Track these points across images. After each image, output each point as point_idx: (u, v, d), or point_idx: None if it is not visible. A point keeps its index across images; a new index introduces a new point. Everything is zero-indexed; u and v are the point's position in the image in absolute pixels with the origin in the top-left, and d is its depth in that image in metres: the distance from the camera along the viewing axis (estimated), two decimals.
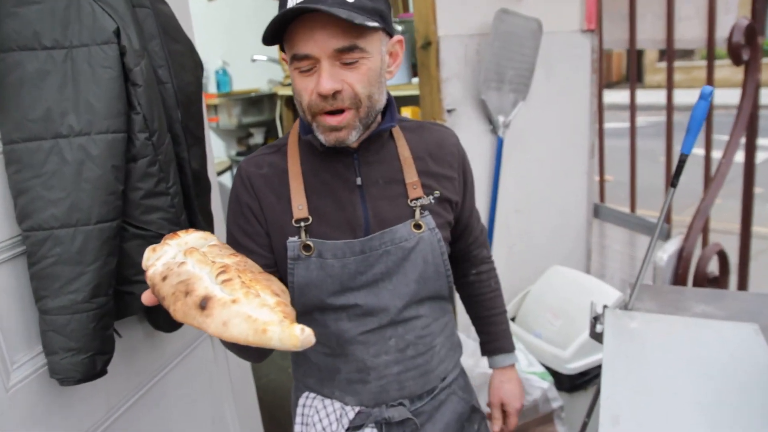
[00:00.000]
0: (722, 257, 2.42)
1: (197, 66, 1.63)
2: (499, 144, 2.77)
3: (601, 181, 3.47)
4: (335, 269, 1.24)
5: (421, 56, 2.61)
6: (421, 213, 1.29)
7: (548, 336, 2.70)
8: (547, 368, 2.60)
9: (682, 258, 2.26)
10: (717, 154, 2.78)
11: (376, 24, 1.09)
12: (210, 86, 4.59)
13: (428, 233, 1.29)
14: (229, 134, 4.84)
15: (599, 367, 1.67)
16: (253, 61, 4.28)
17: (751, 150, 2.75)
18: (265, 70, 4.65)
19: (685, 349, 1.37)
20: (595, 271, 3.37)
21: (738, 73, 2.74)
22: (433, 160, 1.34)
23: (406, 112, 2.94)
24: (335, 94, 1.11)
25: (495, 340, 1.55)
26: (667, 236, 2.79)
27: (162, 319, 1.57)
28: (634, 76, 3.30)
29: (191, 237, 0.94)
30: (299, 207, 1.25)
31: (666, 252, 2.21)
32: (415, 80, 2.92)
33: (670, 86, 3.11)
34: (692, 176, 4.00)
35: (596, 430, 1.13)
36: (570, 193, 3.22)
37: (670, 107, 3.11)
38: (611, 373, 1.28)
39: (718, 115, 3.52)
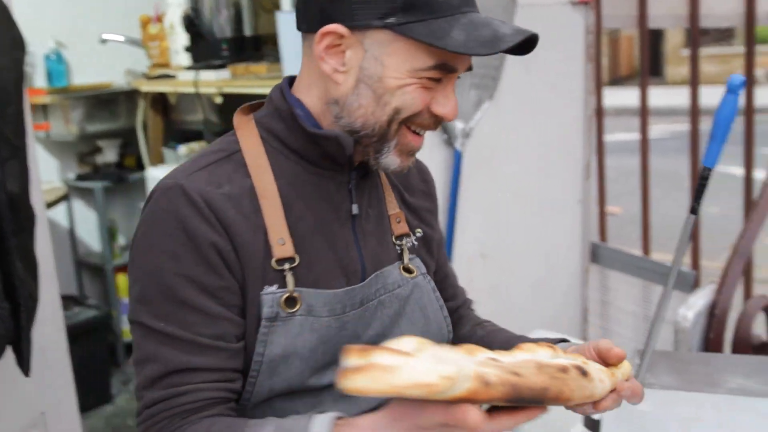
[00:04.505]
0: None
1: (17, 44, 1.62)
2: (457, 161, 2.82)
3: (602, 214, 3.58)
4: (331, 332, 1.27)
5: None
6: (408, 255, 1.39)
7: (531, 429, 2.72)
8: None
9: (714, 316, 2.34)
10: (763, 175, 2.90)
11: None
12: (37, 78, 4.52)
13: (422, 278, 1.39)
14: (67, 148, 4.76)
15: None
16: (103, 42, 4.25)
17: None
18: (121, 57, 4.62)
19: None
20: (594, 337, 3.43)
21: None
22: (405, 186, 1.45)
23: None
24: None
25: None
26: (693, 287, 2.89)
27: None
28: (645, 66, 3.45)
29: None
30: (280, 241, 1.23)
31: (692, 308, 2.29)
32: None
33: (694, 81, 3.27)
34: (732, 206, 4.16)
35: None
36: (558, 231, 3.30)
37: (695, 110, 3.26)
38: None
39: (763, 122, 3.70)
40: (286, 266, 1.23)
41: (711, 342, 2.36)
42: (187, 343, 1.18)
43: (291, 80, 1.33)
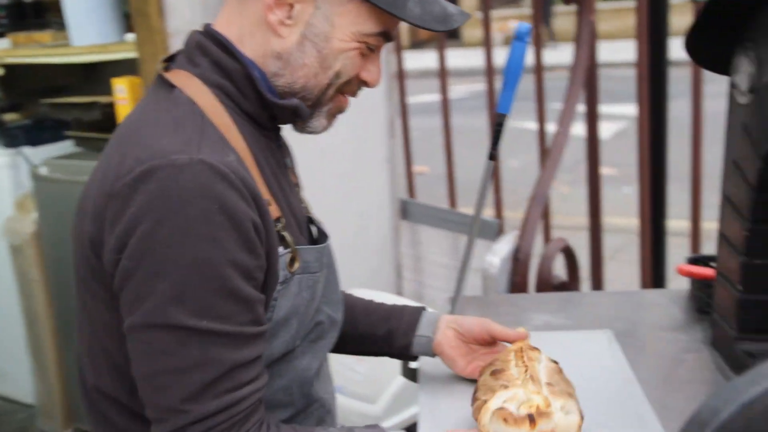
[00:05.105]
0: (569, 256, 2.67)
1: None
2: None
3: (409, 172, 3.67)
4: (317, 288, 1.32)
5: (136, 0, 2.58)
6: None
7: (351, 389, 2.76)
8: None
9: (518, 260, 2.46)
10: (554, 127, 3.05)
11: None
12: None
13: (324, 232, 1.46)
14: None
15: None
16: None
17: (592, 118, 3.08)
18: None
19: None
20: (409, 291, 3.53)
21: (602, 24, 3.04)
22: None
23: (121, 85, 2.88)
24: None
25: (402, 313, 1.56)
26: (498, 235, 3.02)
27: None
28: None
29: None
30: (267, 203, 1.19)
31: (497, 255, 2.39)
32: (131, 37, 2.88)
33: (488, 41, 3.38)
34: (530, 159, 4.36)
35: None
36: (369, 190, 3.35)
37: (490, 69, 3.38)
38: (431, 418, 1.35)
39: (559, 79, 3.89)
40: (279, 226, 1.22)
41: (516, 284, 2.48)
42: (234, 337, 1.09)
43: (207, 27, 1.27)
